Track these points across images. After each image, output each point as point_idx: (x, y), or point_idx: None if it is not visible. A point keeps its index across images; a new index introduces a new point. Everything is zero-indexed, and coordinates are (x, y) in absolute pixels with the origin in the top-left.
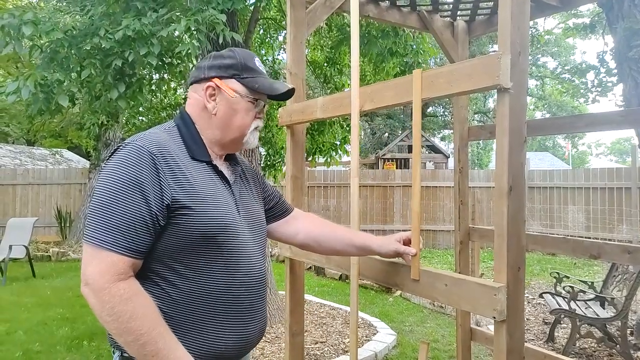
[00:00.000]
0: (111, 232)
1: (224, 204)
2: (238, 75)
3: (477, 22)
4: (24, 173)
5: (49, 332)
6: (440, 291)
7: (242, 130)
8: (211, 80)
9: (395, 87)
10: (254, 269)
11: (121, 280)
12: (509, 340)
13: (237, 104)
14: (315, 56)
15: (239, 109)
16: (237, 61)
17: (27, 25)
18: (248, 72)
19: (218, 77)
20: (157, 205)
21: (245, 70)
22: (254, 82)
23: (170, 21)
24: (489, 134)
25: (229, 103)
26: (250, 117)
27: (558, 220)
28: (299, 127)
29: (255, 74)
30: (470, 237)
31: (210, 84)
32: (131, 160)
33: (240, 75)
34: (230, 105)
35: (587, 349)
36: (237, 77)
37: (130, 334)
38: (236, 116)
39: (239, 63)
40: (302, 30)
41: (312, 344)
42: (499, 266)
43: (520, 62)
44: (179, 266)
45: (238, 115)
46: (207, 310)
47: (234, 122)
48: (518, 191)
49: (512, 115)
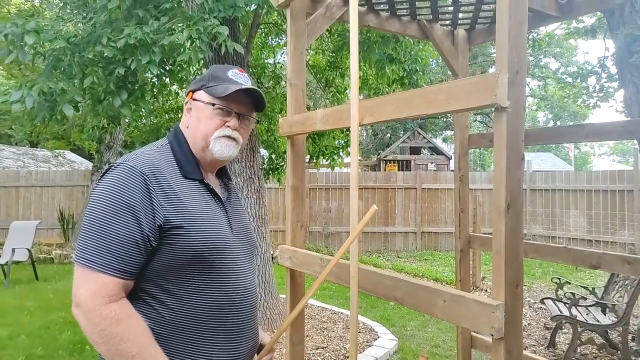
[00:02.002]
0: (102, 254)
1: (216, 223)
2: (204, 85)
3: (477, 31)
4: (27, 175)
5: (51, 336)
6: (439, 307)
7: (205, 138)
8: (187, 96)
9: (395, 102)
10: (245, 287)
11: (112, 301)
12: (507, 357)
13: (200, 112)
14: (317, 60)
15: (202, 117)
16: (208, 73)
17: (29, 34)
18: (214, 80)
19: (192, 90)
20: (148, 226)
21: (212, 79)
22: (213, 89)
23: (171, 29)
24: (489, 142)
25: (196, 112)
26: (213, 123)
27: (560, 223)
28: (299, 137)
29: (220, 82)
30: (470, 245)
31: (186, 99)
32: (123, 181)
33: (206, 85)
34: (197, 114)
35: (588, 355)
36: (203, 87)
37: (122, 356)
38: (200, 124)
39: (208, 75)
40: (302, 41)
41: (313, 349)
42: (497, 283)
43: (518, 80)
44: (170, 286)
45: (202, 123)
46: (199, 329)
47: (198, 130)
48: (516, 208)
49: (509, 133)
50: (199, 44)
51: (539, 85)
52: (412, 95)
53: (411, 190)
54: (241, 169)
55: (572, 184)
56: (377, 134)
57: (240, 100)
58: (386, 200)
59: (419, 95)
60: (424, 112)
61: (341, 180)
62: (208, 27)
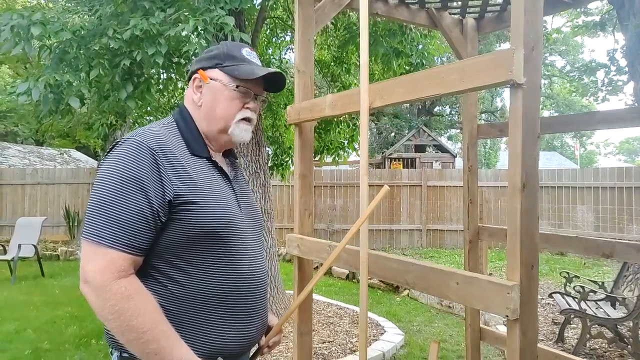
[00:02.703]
0: (112, 229)
1: (225, 199)
2: (220, 64)
3: (487, 20)
4: (32, 173)
5: (57, 330)
6: (452, 290)
7: (226, 121)
8: (197, 72)
9: (405, 84)
10: (255, 264)
11: (122, 277)
12: (522, 339)
13: (219, 93)
14: (323, 55)
15: (221, 98)
16: (220, 51)
17: (35, 25)
18: (230, 60)
19: (202, 68)
20: (158, 202)
21: (228, 58)
22: (234, 69)
23: (178, 21)
24: (499, 132)
25: (212, 92)
26: (235, 106)
27: (567, 219)
28: (307, 125)
29: (239, 62)
30: (479, 236)
31: (195, 75)
32: (131, 156)
33: (222, 64)
34: (213, 94)
35: (597, 350)
36: (219, 66)
37: (133, 332)
38: (219, 105)
39: (221, 52)
40: (310, 28)
41: (320, 343)
42: (512, 264)
43: (534, 57)
44: (180, 262)
45: (220, 105)
46: (210, 306)
47: (217, 112)
48: (531, 188)
49: (525, 111)
50: (205, 35)
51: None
52: (423, 76)
53: (416, 187)
54: (247, 163)
55: (578, 181)
56: (382, 133)
57: (257, 81)
58: (391, 197)
59: (431, 75)
60: (436, 93)
61: (346, 177)
62: (214, 17)
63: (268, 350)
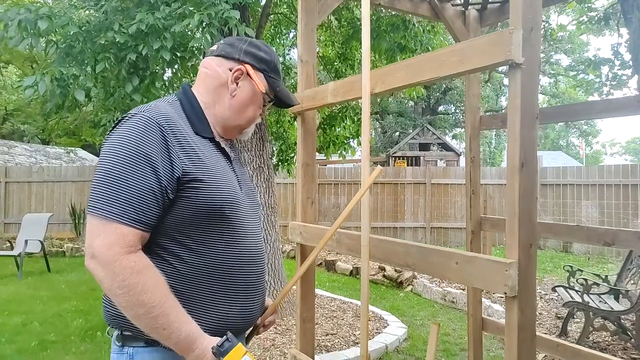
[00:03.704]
0: (121, 204)
1: (229, 178)
2: (267, 72)
3: (489, 11)
4: (39, 171)
5: (63, 323)
6: (452, 270)
7: (250, 121)
8: (243, 65)
9: (406, 68)
10: (255, 243)
11: (131, 252)
12: (520, 316)
13: (255, 97)
14: (327, 52)
15: (255, 102)
16: (271, 59)
17: (42, 19)
18: (275, 73)
19: (251, 65)
20: (166, 178)
21: (274, 71)
22: (277, 84)
23: (183, 16)
24: (501, 123)
25: (250, 93)
26: (258, 112)
27: (571, 215)
28: (310, 114)
29: (279, 78)
30: (482, 227)
31: (241, 67)
32: (140, 131)
33: (268, 73)
34: (250, 95)
35: (600, 343)
36: (265, 73)
37: (142, 307)
38: (250, 107)
39: (272, 61)
40: (313, 18)
41: (323, 335)
42: (510, 243)
43: (532, 37)
44: (186, 240)
45: (251, 107)
46: (214, 283)
47: (246, 112)
48: (530, 168)
49: (524, 91)
50: (210, 29)
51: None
52: (423, 60)
53: (420, 185)
54: (251, 158)
55: (583, 178)
56: (386, 132)
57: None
58: (395, 195)
59: (431, 58)
60: (436, 75)
61: (350, 175)
62: (219, 11)
63: (264, 329)
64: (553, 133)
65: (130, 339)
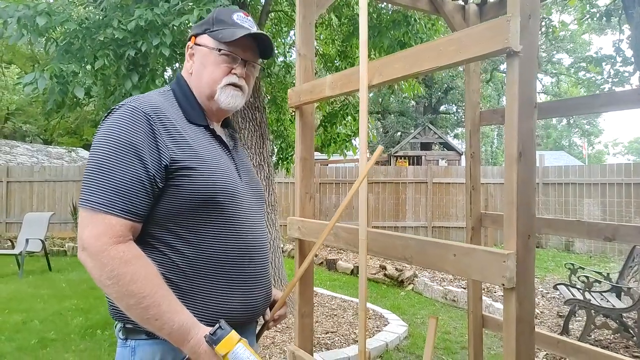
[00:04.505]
0: (107, 195)
1: (224, 166)
2: (209, 29)
3: (489, 5)
4: (40, 170)
5: (64, 321)
6: (449, 262)
7: (211, 86)
8: (190, 40)
9: (404, 59)
10: (256, 233)
11: (120, 242)
12: (518, 308)
13: (205, 57)
14: (327, 50)
15: (207, 63)
16: (211, 16)
17: (41, 16)
18: (218, 24)
19: (194, 35)
20: (154, 167)
21: (217, 23)
22: (218, 33)
23: (182, 11)
24: (501, 118)
25: (200, 58)
26: (220, 70)
27: (573, 213)
28: (308, 108)
29: (225, 26)
30: (482, 223)
31: (188, 43)
32: (126, 121)
33: (210, 29)
34: (201, 60)
35: (602, 341)
36: (208, 32)
37: (132, 297)
38: (205, 70)
39: (211, 18)
40: (311, 11)
41: (323, 333)
42: (508, 234)
43: (530, 25)
44: (179, 230)
45: (207, 69)
46: (209, 274)
47: (204, 77)
48: (528, 158)
49: (521, 80)
50: None
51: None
52: (421, 50)
53: (422, 184)
54: (251, 156)
55: (585, 177)
56: (388, 131)
57: (246, 45)
58: (397, 194)
59: (429, 48)
60: (434, 65)
61: (351, 175)
62: (218, 7)
63: (274, 324)
64: (555, 133)
65: (133, 332)
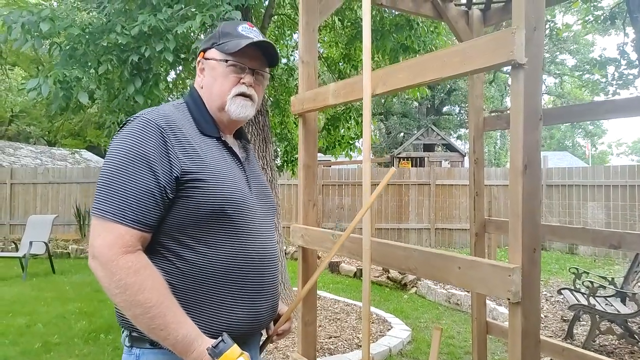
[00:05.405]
0: (119, 205)
1: (233, 178)
2: (216, 42)
3: (493, 11)
4: (44, 172)
5: (67, 325)
6: (454, 274)
7: (222, 97)
8: (199, 56)
9: (408, 69)
10: (265, 245)
11: (129, 252)
12: (524, 322)
13: (214, 71)
14: (331, 52)
15: (217, 75)
16: (217, 30)
17: (45, 21)
18: (225, 37)
19: (203, 50)
20: (165, 178)
21: (223, 36)
22: (224, 45)
23: (185, 17)
24: (505, 124)
25: (209, 71)
26: (229, 82)
27: (577, 216)
28: (311, 115)
29: (231, 38)
30: (486, 229)
31: (198, 58)
32: (138, 133)
33: (217, 42)
34: (210, 73)
35: (607, 346)
36: (215, 45)
37: (139, 307)
38: (215, 83)
39: (218, 32)
40: (314, 18)
41: (326, 338)
42: (513, 247)
43: (536, 37)
44: (188, 240)
45: (217, 82)
46: (216, 284)
47: (214, 90)
48: (533, 170)
49: (527, 92)
50: (213, 30)
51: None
52: (425, 60)
53: (425, 186)
54: None
55: (589, 179)
56: (391, 133)
57: (252, 55)
58: (400, 196)
59: (433, 59)
60: (438, 76)
61: (354, 176)
62: (221, 12)
63: (277, 338)
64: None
65: (138, 340)
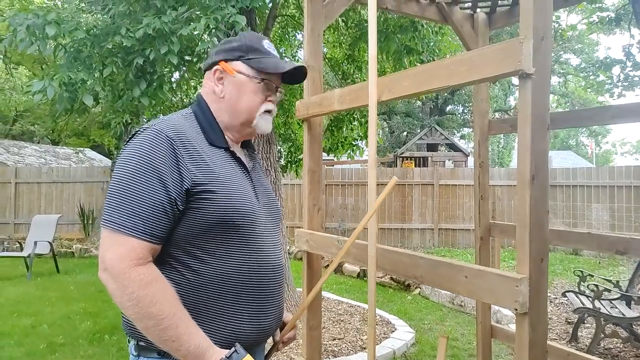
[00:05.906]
0: (130, 217)
1: (242, 189)
2: (243, 56)
3: (498, 14)
4: (48, 172)
5: (72, 325)
6: (460, 284)
7: (251, 113)
8: (218, 64)
9: (414, 76)
10: (272, 256)
11: (140, 265)
12: (531, 333)
13: (243, 86)
14: (335, 53)
15: (246, 91)
16: (242, 43)
17: (50, 25)
18: (253, 53)
19: (224, 60)
20: (175, 190)
21: (251, 51)
22: (258, 62)
23: (189, 20)
24: (510, 128)
25: (236, 85)
26: (258, 98)
27: (581, 218)
28: (316, 120)
29: (261, 55)
30: (490, 233)
31: (217, 67)
32: (149, 144)
33: (245, 57)
34: (237, 87)
35: (612, 350)
36: (242, 59)
37: (151, 319)
38: (243, 98)
39: (243, 45)
40: (319, 23)
41: (330, 340)
42: (521, 257)
43: (543, 47)
44: (198, 251)
45: (245, 97)
46: (226, 295)
47: (241, 104)
48: (541, 180)
49: (534, 102)
50: (217, 33)
51: (559, 82)
52: (432, 68)
53: (428, 186)
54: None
55: (593, 179)
56: (394, 132)
57: (278, 74)
58: (403, 196)
59: (439, 67)
60: (445, 84)
61: (357, 176)
62: (225, 15)
63: (283, 346)
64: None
65: (145, 350)
